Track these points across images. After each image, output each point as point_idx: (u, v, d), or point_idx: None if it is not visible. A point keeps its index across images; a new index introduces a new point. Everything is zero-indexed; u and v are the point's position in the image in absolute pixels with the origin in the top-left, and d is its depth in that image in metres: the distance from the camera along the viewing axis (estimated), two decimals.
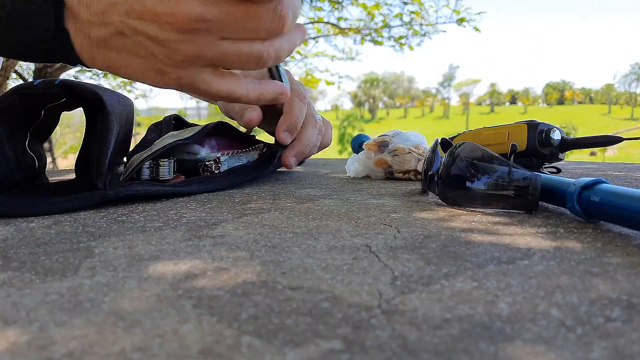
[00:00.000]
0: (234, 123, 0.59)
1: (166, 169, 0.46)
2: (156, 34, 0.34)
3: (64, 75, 4.63)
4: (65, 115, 0.57)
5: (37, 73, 4.37)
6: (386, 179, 0.58)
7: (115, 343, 0.16)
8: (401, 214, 0.36)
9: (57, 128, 0.55)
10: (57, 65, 4.39)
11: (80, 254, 0.26)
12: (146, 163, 0.45)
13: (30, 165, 0.45)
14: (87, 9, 0.35)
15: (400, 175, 0.57)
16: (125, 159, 0.48)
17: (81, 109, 0.46)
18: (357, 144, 0.78)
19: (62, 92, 0.42)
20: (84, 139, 0.47)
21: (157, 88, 0.38)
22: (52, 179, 0.55)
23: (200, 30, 0.33)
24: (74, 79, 0.41)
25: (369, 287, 0.21)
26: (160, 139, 0.49)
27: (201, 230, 0.32)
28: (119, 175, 0.43)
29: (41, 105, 0.44)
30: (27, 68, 5.04)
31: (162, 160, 0.46)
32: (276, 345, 0.15)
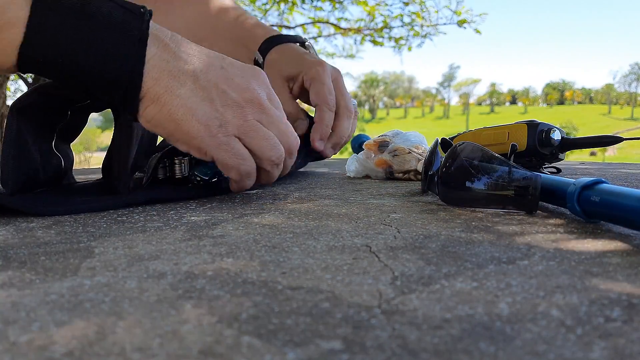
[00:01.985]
0: None
1: (178, 167, 0.46)
2: (225, 90, 0.39)
3: None
4: None
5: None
6: (386, 179, 0.58)
7: (115, 343, 0.16)
8: (401, 214, 0.36)
9: None
10: None
11: (80, 254, 0.26)
12: (160, 162, 0.45)
13: (56, 165, 0.45)
14: (174, 43, 0.38)
15: (400, 175, 0.57)
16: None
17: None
18: (357, 144, 0.77)
19: (84, 93, 0.41)
20: (111, 140, 0.46)
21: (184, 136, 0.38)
22: (79, 177, 0.55)
23: (252, 105, 0.39)
24: None
25: (369, 287, 0.21)
26: None
27: (201, 230, 0.32)
28: (141, 179, 0.43)
29: (66, 106, 0.44)
30: None
31: (176, 157, 0.46)
32: (276, 345, 0.15)
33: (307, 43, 0.66)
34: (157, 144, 0.50)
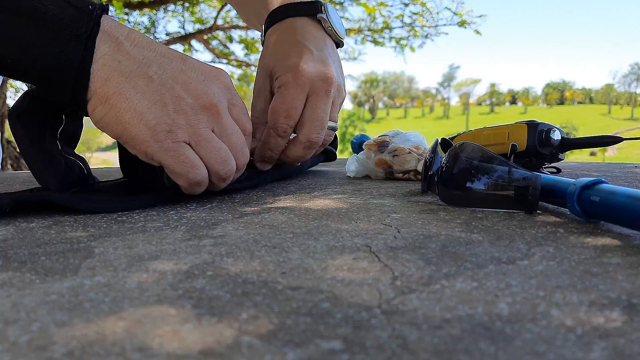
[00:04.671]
0: None
1: None
2: (180, 94, 0.37)
3: None
4: None
5: None
6: (386, 179, 0.58)
7: (115, 343, 0.16)
8: (401, 214, 0.36)
9: None
10: None
11: (80, 254, 0.26)
12: None
13: (78, 167, 0.43)
14: (129, 42, 0.37)
15: (400, 175, 0.57)
16: None
17: None
18: (357, 144, 0.78)
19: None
20: None
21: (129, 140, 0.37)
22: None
23: (209, 113, 0.38)
24: None
25: (369, 287, 0.21)
26: None
27: (201, 230, 0.32)
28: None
29: (59, 110, 0.41)
30: None
31: None
32: (276, 345, 0.15)
33: (319, 15, 0.54)
34: None
